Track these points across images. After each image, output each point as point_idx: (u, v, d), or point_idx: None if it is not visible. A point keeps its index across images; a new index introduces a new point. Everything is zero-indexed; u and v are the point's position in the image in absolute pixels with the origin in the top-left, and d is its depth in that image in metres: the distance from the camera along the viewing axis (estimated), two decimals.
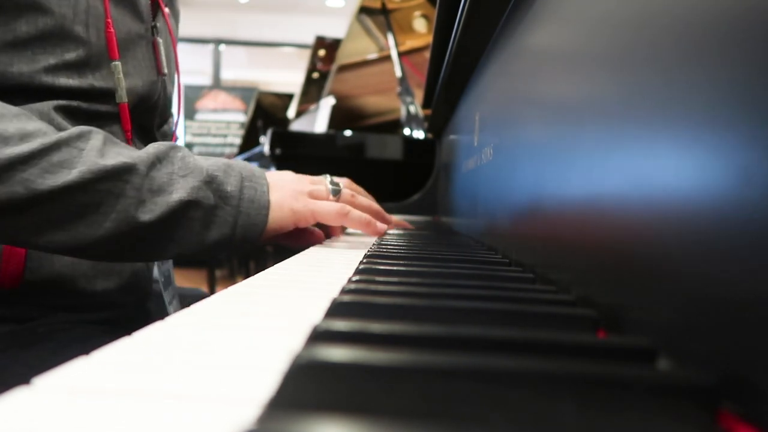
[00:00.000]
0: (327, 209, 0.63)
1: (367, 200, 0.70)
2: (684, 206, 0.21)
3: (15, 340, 0.55)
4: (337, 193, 0.66)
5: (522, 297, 0.32)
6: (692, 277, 0.20)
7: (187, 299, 0.78)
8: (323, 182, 0.67)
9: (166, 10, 0.71)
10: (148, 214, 0.51)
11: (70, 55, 0.56)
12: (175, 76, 0.76)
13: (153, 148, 0.54)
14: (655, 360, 0.21)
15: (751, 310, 0.17)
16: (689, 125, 0.21)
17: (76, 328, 0.59)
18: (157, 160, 0.53)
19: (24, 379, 0.57)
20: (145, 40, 0.65)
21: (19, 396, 0.17)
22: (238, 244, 0.57)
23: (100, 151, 0.50)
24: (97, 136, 0.51)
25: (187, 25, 0.85)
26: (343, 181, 0.71)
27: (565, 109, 0.38)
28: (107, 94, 0.60)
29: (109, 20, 0.59)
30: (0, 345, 0.53)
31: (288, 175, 0.65)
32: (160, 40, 0.67)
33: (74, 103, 0.58)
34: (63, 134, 0.49)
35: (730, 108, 0.19)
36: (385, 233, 0.69)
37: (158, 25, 0.67)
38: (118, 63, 0.60)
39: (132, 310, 0.67)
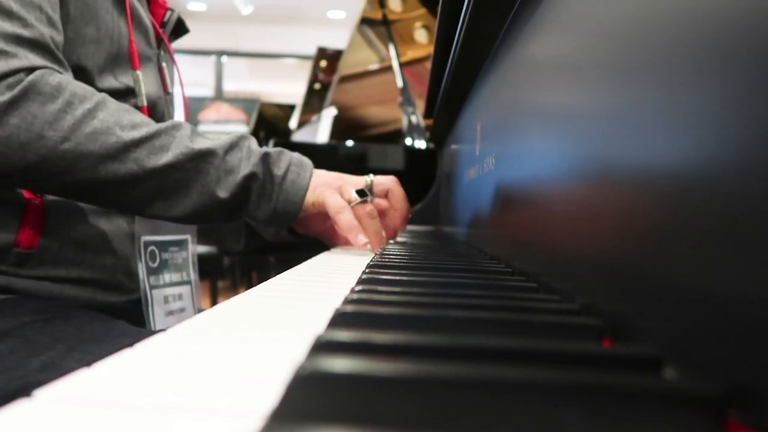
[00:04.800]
0: (332, 201, 0.70)
1: (373, 228, 0.73)
2: (689, 214, 0.21)
3: (39, 314, 0.58)
4: (356, 201, 0.72)
5: (525, 306, 0.32)
6: (698, 285, 0.20)
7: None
8: (358, 185, 0.73)
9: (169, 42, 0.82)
10: (223, 190, 0.63)
11: (101, 60, 0.66)
12: (179, 105, 0.86)
13: (228, 137, 0.66)
14: (661, 369, 0.21)
15: (759, 318, 0.17)
16: (693, 132, 0.21)
17: (93, 308, 0.64)
18: (230, 147, 0.65)
19: (53, 349, 0.58)
20: (153, 62, 0.76)
21: (20, 407, 0.16)
22: (282, 219, 0.69)
23: (189, 137, 0.63)
24: (187, 126, 0.64)
25: (189, 37, 0.88)
26: (386, 180, 0.76)
27: (567, 117, 0.38)
28: (126, 93, 0.69)
29: (132, 37, 0.70)
30: (25, 318, 0.57)
31: (338, 173, 0.74)
32: (164, 65, 0.78)
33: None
34: (161, 125, 0.62)
35: (731, 112, 0.18)
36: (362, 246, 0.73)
37: (162, 54, 0.79)
38: (139, 72, 0.70)
39: (133, 296, 0.71)
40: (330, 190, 0.71)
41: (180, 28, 0.85)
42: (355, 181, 0.74)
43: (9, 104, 0.53)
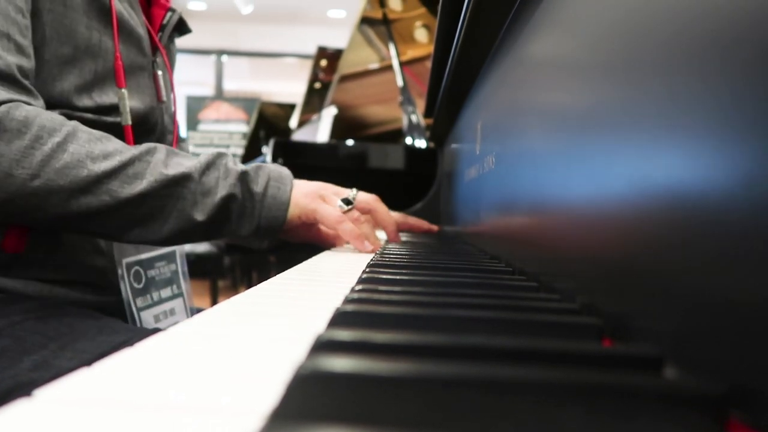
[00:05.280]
0: (327, 212, 0.70)
1: (368, 227, 0.75)
2: (688, 212, 0.21)
3: (30, 313, 0.58)
4: (342, 209, 0.72)
5: (526, 306, 0.32)
6: (699, 284, 0.20)
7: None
8: (342, 195, 0.74)
9: (165, 47, 0.80)
10: (200, 213, 0.63)
11: (81, 78, 0.64)
12: (173, 108, 0.84)
13: (204, 157, 0.65)
14: (662, 368, 0.21)
15: (759, 318, 0.17)
16: (691, 131, 0.21)
17: (84, 307, 0.64)
18: (207, 168, 0.64)
19: (45, 348, 0.55)
20: (146, 71, 0.74)
21: (20, 407, 0.16)
22: (265, 234, 0.69)
23: (164, 162, 0.61)
24: (162, 149, 0.62)
25: (189, 37, 0.88)
26: (368, 198, 0.77)
27: (567, 117, 0.37)
28: (111, 110, 0.67)
29: (118, 54, 0.67)
30: (16, 317, 0.57)
31: (318, 183, 0.73)
32: (159, 73, 0.76)
33: (87, 115, 0.64)
34: (135, 151, 0.60)
35: (731, 113, 0.18)
36: (373, 252, 0.74)
37: (158, 60, 0.77)
38: (124, 91, 0.67)
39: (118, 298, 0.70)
40: (317, 201, 0.71)
41: (182, 27, 0.83)
42: (336, 190, 0.74)
43: None
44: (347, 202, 0.73)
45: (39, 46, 0.61)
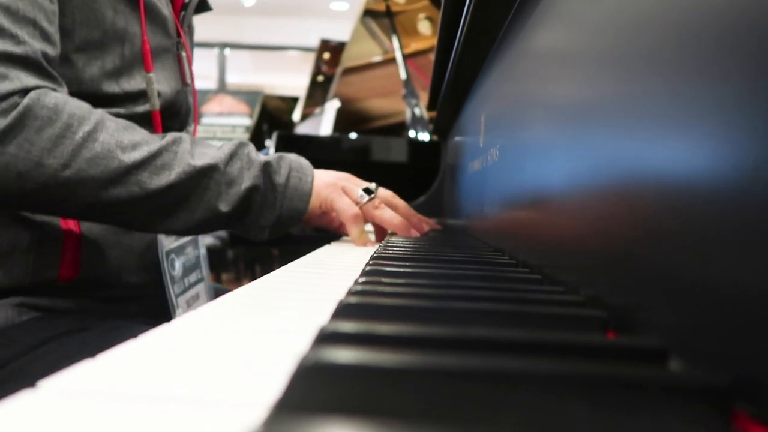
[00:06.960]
0: (343, 207, 0.72)
1: (389, 214, 0.76)
2: (693, 205, 0.21)
3: (75, 325, 0.60)
4: (364, 199, 0.74)
5: (530, 298, 0.32)
6: (703, 276, 0.20)
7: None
8: (362, 185, 0.75)
9: (186, 28, 0.80)
10: (224, 204, 0.63)
11: (111, 63, 0.64)
12: (193, 89, 0.84)
13: (227, 147, 0.65)
14: (667, 361, 0.21)
15: (765, 309, 0.17)
16: (695, 125, 0.21)
17: (121, 316, 0.66)
18: (230, 158, 0.64)
19: (72, 358, 0.60)
20: (171, 53, 0.74)
21: (23, 398, 0.16)
22: (286, 224, 0.69)
23: (190, 153, 0.62)
24: (186, 139, 0.63)
25: None
26: (388, 193, 0.78)
27: (571, 109, 0.37)
28: (138, 97, 0.67)
29: (146, 38, 0.67)
30: (65, 328, 0.58)
31: (337, 172, 0.75)
32: (183, 55, 0.76)
33: (113, 109, 0.64)
34: (162, 141, 0.60)
35: (734, 107, 0.18)
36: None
37: (180, 41, 0.76)
38: (152, 75, 0.67)
39: (157, 301, 0.72)
40: (337, 192, 0.71)
41: (202, 5, 0.82)
42: (356, 181, 0.75)
43: (5, 132, 0.51)
44: (368, 191, 0.74)
45: (68, 32, 0.60)
